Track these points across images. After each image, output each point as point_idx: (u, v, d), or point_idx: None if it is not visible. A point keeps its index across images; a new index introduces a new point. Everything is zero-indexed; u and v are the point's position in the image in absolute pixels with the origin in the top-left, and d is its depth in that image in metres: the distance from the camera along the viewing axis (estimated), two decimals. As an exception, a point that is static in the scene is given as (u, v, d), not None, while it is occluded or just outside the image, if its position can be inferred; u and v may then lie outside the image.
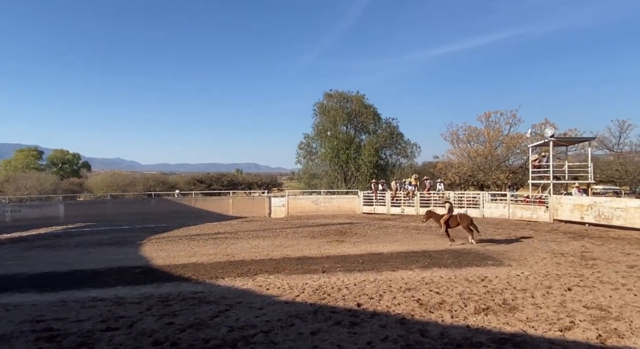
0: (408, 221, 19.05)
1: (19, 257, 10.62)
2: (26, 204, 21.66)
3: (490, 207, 20.06)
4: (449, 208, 12.57)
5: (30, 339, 4.68)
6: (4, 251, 11.75)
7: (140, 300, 6.39)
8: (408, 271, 8.39)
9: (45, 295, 6.79)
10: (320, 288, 7.07)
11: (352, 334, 4.80)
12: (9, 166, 45.93)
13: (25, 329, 5.02)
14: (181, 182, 42.45)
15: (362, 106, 33.13)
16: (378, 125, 34.09)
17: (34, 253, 11.25)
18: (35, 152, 49.74)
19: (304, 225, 17.87)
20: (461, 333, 4.84)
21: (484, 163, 28.48)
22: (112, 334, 4.83)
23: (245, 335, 4.78)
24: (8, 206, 20.32)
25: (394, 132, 33.69)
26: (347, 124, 33.56)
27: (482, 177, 28.49)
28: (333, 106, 33.22)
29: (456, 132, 30.58)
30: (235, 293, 6.88)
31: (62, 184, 36.75)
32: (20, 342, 4.61)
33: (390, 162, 34.43)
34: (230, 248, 11.64)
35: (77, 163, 53.49)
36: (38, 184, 31.72)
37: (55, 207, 21.22)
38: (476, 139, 30.01)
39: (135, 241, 13.36)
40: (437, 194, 22.12)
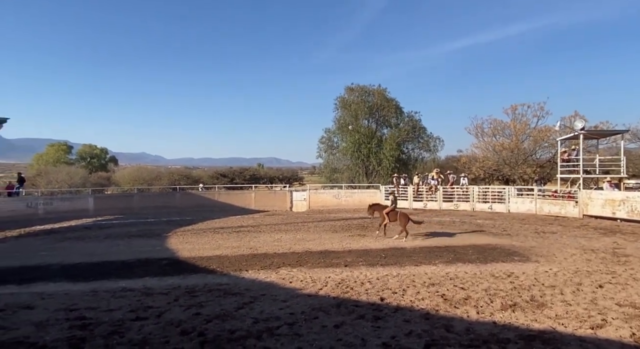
0: (431, 215, 18.80)
1: (52, 248, 11.04)
2: (57, 197, 22.48)
3: (516, 202, 19.61)
4: (392, 201, 12.69)
5: (65, 327, 4.87)
6: (38, 242, 12.25)
7: (167, 291, 6.55)
8: (431, 266, 8.30)
9: (77, 285, 7.05)
10: (343, 281, 7.09)
11: (375, 328, 4.79)
12: (40, 160, 47.83)
13: (60, 317, 5.23)
14: (205, 176, 43.21)
15: (383, 99, 32.82)
16: (400, 119, 33.73)
17: (66, 244, 11.67)
18: (65, 146, 51.57)
19: (325, 219, 17.90)
20: (487, 329, 4.77)
21: (509, 157, 27.81)
22: (142, 324, 4.97)
23: (270, 327, 4.84)
24: (41, 198, 21.14)
25: (416, 125, 33.28)
26: (369, 118, 33.34)
27: (508, 171, 27.83)
28: (354, 99, 33.05)
29: (481, 125, 29.96)
30: (259, 285, 6.97)
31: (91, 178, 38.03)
32: (55, 329, 4.81)
33: (413, 156, 34.05)
34: (253, 241, 11.78)
35: (105, 157, 55.21)
36: (68, 178, 32.92)
37: (85, 200, 21.96)
38: (502, 133, 29.32)
39: (162, 233, 13.69)
40: (461, 189, 21.77)
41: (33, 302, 5.95)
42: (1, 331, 4.76)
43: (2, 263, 8.95)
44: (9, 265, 8.75)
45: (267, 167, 64.87)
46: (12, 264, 8.82)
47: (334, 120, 34.38)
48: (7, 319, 5.20)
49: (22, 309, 5.62)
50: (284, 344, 4.37)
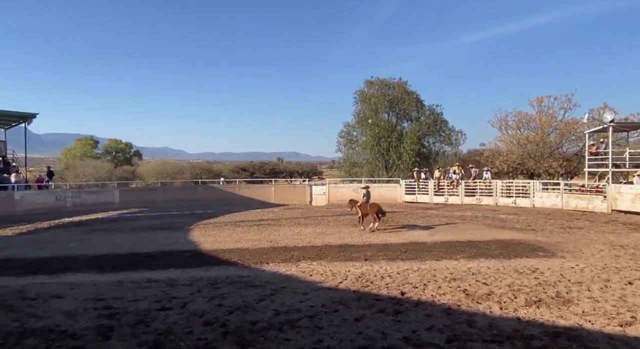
0: (452, 210, 18.56)
1: (81, 240, 11.42)
2: (85, 190, 23.22)
3: (541, 197, 19.11)
4: (364, 194, 13.23)
5: (93, 316, 5.04)
6: (67, 233, 12.68)
7: (191, 282, 6.69)
8: (453, 260, 8.20)
9: (104, 275, 7.27)
10: (363, 275, 7.08)
11: (396, 322, 4.78)
12: (68, 154, 49.43)
13: (88, 307, 5.41)
14: (225, 170, 43.82)
15: (404, 92, 32.39)
16: (421, 112, 33.25)
17: (94, 236, 12.05)
18: (92, 141, 53.12)
19: (344, 213, 17.85)
20: (511, 325, 4.69)
21: (535, 150, 27.11)
22: (166, 314, 5.10)
23: (291, 319, 4.89)
24: (69, 192, 21.85)
25: (437, 119, 32.75)
26: (389, 111, 33.00)
27: (533, 165, 27.14)
28: (374, 93, 32.73)
29: (505, 118, 29.25)
30: (280, 278, 7.04)
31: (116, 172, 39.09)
32: (84, 318, 4.98)
33: (434, 150, 33.57)
34: (274, 235, 11.89)
35: (129, 152, 56.59)
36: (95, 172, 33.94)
37: (111, 193, 22.58)
38: (527, 126, 28.57)
39: (184, 226, 13.97)
40: (484, 183, 21.36)
41: (63, 292, 6.17)
42: (33, 319, 4.97)
43: (34, 254, 9.32)
44: (39, 256, 9.10)
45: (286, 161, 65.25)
46: (42, 255, 9.17)
47: (353, 114, 34.20)
48: (39, 307, 5.42)
49: (53, 298, 5.84)
50: (305, 336, 4.40)
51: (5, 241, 11.44)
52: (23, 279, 7.03)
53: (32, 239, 11.58)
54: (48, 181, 22.90)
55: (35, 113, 22.15)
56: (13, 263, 8.42)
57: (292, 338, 4.35)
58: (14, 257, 8.92)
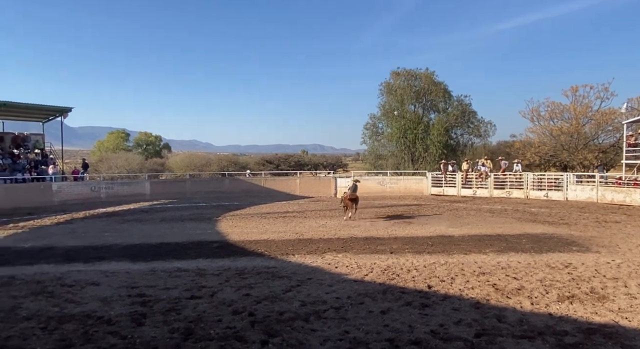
0: (481, 203, 18.17)
1: (114, 229, 11.86)
2: (117, 182, 24.01)
3: (575, 190, 18.43)
4: (349, 187, 13.55)
5: (127, 303, 5.24)
6: (102, 223, 13.19)
7: (219, 272, 6.85)
8: (482, 254, 8.04)
9: (137, 264, 7.54)
10: (389, 268, 7.05)
11: (423, 316, 4.74)
12: (102, 147, 51.30)
13: (122, 294, 5.63)
14: (251, 162, 44.39)
15: (431, 83, 31.75)
16: (449, 103, 32.54)
17: (126, 226, 12.49)
18: (124, 134, 54.88)
19: (369, 206, 17.80)
20: (542, 320, 4.57)
21: (568, 142, 26.12)
22: (196, 302, 5.25)
23: (317, 310, 4.93)
24: (103, 183, 22.68)
25: (466, 110, 31.97)
26: (415, 103, 32.45)
27: (567, 157, 26.18)
28: (400, 84, 32.22)
29: (537, 108, 28.28)
30: (306, 269, 7.10)
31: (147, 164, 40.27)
32: (119, 305, 5.19)
33: (462, 142, 32.86)
34: (299, 227, 11.98)
35: (159, 144, 58.17)
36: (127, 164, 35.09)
37: (142, 185, 23.28)
38: (560, 116, 27.52)
39: (212, 217, 14.26)
40: (514, 175, 20.77)
41: (98, 279, 6.44)
42: (72, 304, 5.22)
43: (71, 243, 9.75)
44: (76, 245, 9.51)
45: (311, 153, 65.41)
46: (79, 244, 9.57)
47: (378, 106, 33.80)
48: (77, 294, 5.68)
49: (89, 285, 6.11)
50: (331, 327, 4.44)
51: (45, 230, 12.00)
52: (62, 266, 7.37)
53: (69, 229, 12.11)
54: (83, 172, 23.86)
55: (71, 107, 23.03)
56: (52, 251, 8.83)
57: (318, 329, 4.39)
58: (53, 246, 9.35)
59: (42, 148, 23.81)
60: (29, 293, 5.70)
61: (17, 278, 6.50)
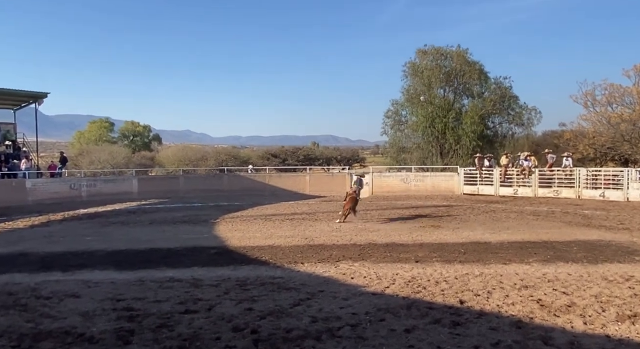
0: (523, 204, 17.98)
1: (97, 233, 12.05)
2: (100, 178, 24.41)
3: (638, 189, 18.12)
4: (355, 181, 14.67)
5: (112, 318, 5.30)
6: (83, 226, 13.42)
7: (217, 283, 6.89)
8: (524, 264, 7.96)
9: (123, 273, 7.63)
10: (414, 279, 7.02)
11: (454, 336, 4.71)
12: (82, 138, 52.08)
13: (107, 308, 5.69)
14: (254, 156, 44.63)
15: (464, 63, 31.44)
16: (485, 86, 32.20)
17: (111, 229, 12.68)
18: (107, 123, 55.63)
19: (391, 207, 17.78)
20: (598, 343, 4.50)
21: (630, 131, 25.62)
22: (191, 317, 5.30)
23: (330, 327, 4.93)
24: (84, 180, 23.08)
25: (505, 94, 31.59)
26: (445, 86, 32.20)
27: (628, 149, 25.72)
28: (427, 64, 31.96)
29: (592, 92, 27.78)
30: (317, 280, 7.10)
31: (134, 158, 40.77)
32: (102, 320, 5.25)
33: (500, 132, 32.54)
34: (309, 230, 12.01)
35: (148, 136, 58.82)
36: (111, 158, 35.57)
37: (129, 182, 23.63)
38: (620, 101, 27.00)
39: (209, 219, 14.40)
40: (563, 172, 20.49)
41: (79, 290, 6.53)
42: (49, 319, 5.30)
43: (47, 248, 9.91)
44: (53, 250, 9.67)
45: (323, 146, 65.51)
46: (56, 250, 9.73)
47: (402, 90, 33.61)
48: (54, 307, 5.77)
49: (69, 297, 6.19)
50: (347, 347, 4.43)
51: (18, 233, 12.25)
52: (37, 275, 7.48)
53: (45, 232, 12.34)
54: (61, 167, 24.30)
55: (46, 92, 23.45)
56: (26, 257, 8.99)
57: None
58: (27, 252, 9.51)
59: (14, 139, 24.26)
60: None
61: (-15, 289, 6.62)
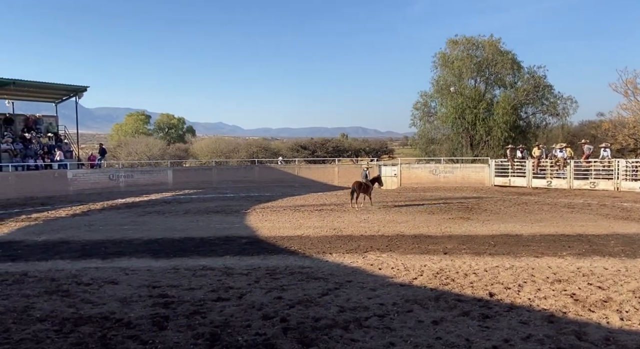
0: (557, 196, 17.45)
1: (134, 222, 12.41)
2: (137, 169, 25.10)
3: (679, 180, 17.29)
4: (367, 174, 16.70)
5: (148, 304, 5.46)
6: (121, 215, 13.85)
7: (248, 271, 7.00)
8: (557, 258, 7.73)
9: (159, 261, 7.84)
10: (442, 271, 6.94)
11: (483, 329, 4.62)
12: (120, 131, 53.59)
13: (143, 294, 5.87)
14: (284, 148, 44.88)
15: (496, 52, 30.57)
16: (518, 76, 31.25)
17: (147, 219, 13.04)
18: (144, 116, 57.03)
19: (420, 198, 17.59)
20: (636, 340, 4.32)
21: (673, 121, 24.42)
22: (223, 305, 5.39)
23: (358, 317, 4.93)
24: (122, 171, 23.77)
25: (539, 84, 30.56)
26: (477, 76, 31.43)
27: (670, 140, 24.55)
28: (458, 55, 31.23)
29: (633, 80, 26.54)
30: (345, 270, 7.12)
31: (169, 150, 41.73)
32: (139, 306, 5.41)
33: (534, 122, 31.60)
34: (337, 221, 12.03)
35: (182, 128, 60.02)
36: (147, 150, 36.49)
37: (164, 173, 24.21)
38: (663, 89, 25.72)
39: (240, 210, 14.62)
40: (601, 163, 19.73)
41: (117, 277, 6.76)
42: (89, 305, 5.50)
43: (88, 237, 10.30)
44: (94, 239, 10.04)
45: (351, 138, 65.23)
46: (96, 238, 10.10)
47: (431, 81, 33.01)
48: (94, 293, 5.99)
49: (107, 284, 6.42)
50: (374, 337, 4.42)
51: (60, 222, 12.74)
52: (78, 262, 7.79)
53: (85, 221, 12.80)
54: (100, 159, 25.07)
55: (86, 86, 24.15)
56: (68, 245, 9.37)
57: (359, 339, 4.38)
58: (68, 240, 9.91)
59: (56, 132, 25.08)
60: (43, 292, 6.05)
61: (29, 275, 6.92)
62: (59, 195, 19.35)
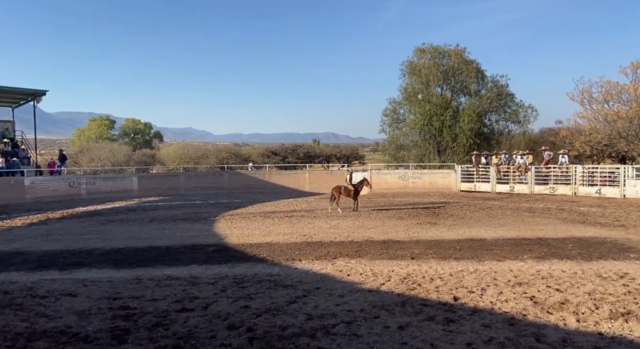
0: (519, 201, 17.98)
1: (96, 231, 12.02)
2: (100, 176, 24.37)
3: (634, 186, 18.15)
4: (350, 178, 17.08)
5: (108, 317, 5.29)
6: (81, 224, 13.40)
7: (214, 280, 6.89)
8: (518, 261, 7.96)
9: (121, 271, 7.62)
10: (409, 276, 7.03)
11: (447, 333, 4.71)
12: (82, 136, 51.90)
13: (103, 307, 5.68)
14: (254, 154, 44.50)
15: (461, 61, 31.34)
16: (482, 84, 32.15)
17: (110, 227, 12.66)
18: (108, 121, 55.44)
19: (389, 204, 17.79)
20: (591, 341, 4.49)
21: (627, 128, 25.52)
22: (187, 316, 5.28)
23: (325, 325, 4.93)
24: (83, 178, 23.03)
25: (502, 92, 31.54)
26: (443, 84, 32.12)
27: (625, 146, 25.65)
28: (425, 63, 31.86)
29: (588, 89, 27.63)
30: (313, 277, 7.11)
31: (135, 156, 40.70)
32: (98, 319, 5.24)
33: (497, 129, 32.52)
34: (307, 228, 12.02)
35: (149, 133, 58.68)
36: (111, 155, 35.47)
37: (129, 179, 23.61)
38: (617, 98, 26.87)
39: (209, 217, 14.40)
40: (560, 169, 20.49)
41: (76, 289, 6.52)
42: (44, 319, 5.28)
43: (45, 247, 9.90)
44: (51, 249, 9.65)
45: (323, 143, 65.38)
46: (54, 248, 9.71)
47: (400, 88, 33.53)
48: (50, 306, 5.75)
49: (65, 296, 6.18)
50: (341, 345, 4.43)
51: (15, 232, 12.22)
52: (33, 274, 7.48)
53: (43, 230, 12.31)
54: (60, 165, 24.22)
55: (45, 90, 23.32)
56: (23, 256, 8.97)
57: (326, 347, 4.38)
58: (24, 251, 9.50)
59: (12, 137, 24.10)
60: (-4, 305, 5.78)
61: (-19, 288, 6.59)
62: (15, 203, 18.57)
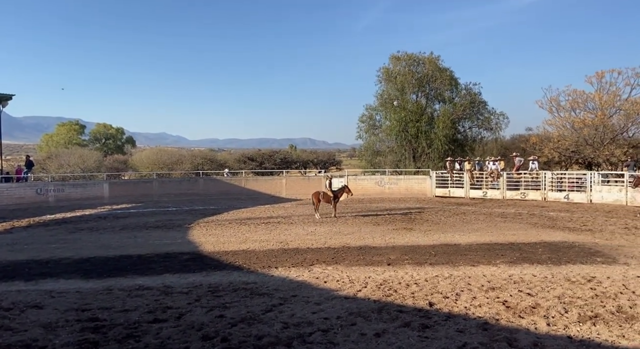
0: (491, 206, 18.34)
1: (64, 240, 11.69)
2: (70, 183, 23.75)
3: (600, 191, 18.72)
4: (326, 185, 16.60)
5: (76, 329, 5.13)
6: (49, 233, 13.00)
7: (188, 290, 6.78)
8: (491, 266, 8.12)
9: (90, 282, 7.42)
10: (386, 282, 7.07)
11: (423, 339, 4.75)
12: (50, 141, 50.34)
13: (71, 319, 5.51)
14: (230, 159, 44.08)
15: (436, 69, 31.87)
16: (455, 92, 32.74)
17: (79, 236, 12.33)
18: (77, 126, 53.98)
19: (365, 210, 17.89)
20: (560, 344, 4.60)
21: (593, 136, 26.38)
22: (160, 327, 5.17)
23: (302, 333, 4.91)
24: (51, 184, 22.38)
25: (475, 100, 32.22)
26: (418, 91, 32.57)
27: (591, 153, 26.48)
28: (401, 70, 32.27)
29: (556, 98, 28.49)
30: (290, 285, 7.08)
31: (106, 162, 39.73)
32: (65, 332, 5.07)
33: (471, 136, 33.14)
34: (284, 234, 11.97)
35: (121, 138, 57.42)
36: (81, 162, 34.50)
37: (100, 186, 23.07)
38: (583, 106, 27.78)
39: (183, 224, 14.18)
40: (530, 175, 21.01)
41: (42, 301, 6.30)
42: (8, 332, 5.08)
43: (10, 257, 9.57)
44: (16, 259, 9.34)
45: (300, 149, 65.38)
46: (20, 258, 9.40)
47: (376, 95, 33.85)
48: (14, 319, 5.54)
49: (31, 308, 5.97)
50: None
51: (-20, 241, 11.76)
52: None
53: (8, 239, 11.91)
54: (27, 172, 23.45)
55: (11, 94, 22.62)
56: (-12, 266, 8.63)
57: (302, 356, 4.36)
58: (-12, 260, 9.14)
59: (-24, 143, 23.25)
60: (-42, 318, 5.54)
61: (-57, 300, 6.32)
62: (-21, 211, 17.90)
